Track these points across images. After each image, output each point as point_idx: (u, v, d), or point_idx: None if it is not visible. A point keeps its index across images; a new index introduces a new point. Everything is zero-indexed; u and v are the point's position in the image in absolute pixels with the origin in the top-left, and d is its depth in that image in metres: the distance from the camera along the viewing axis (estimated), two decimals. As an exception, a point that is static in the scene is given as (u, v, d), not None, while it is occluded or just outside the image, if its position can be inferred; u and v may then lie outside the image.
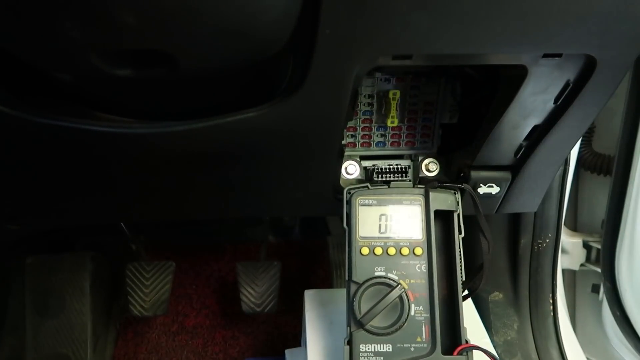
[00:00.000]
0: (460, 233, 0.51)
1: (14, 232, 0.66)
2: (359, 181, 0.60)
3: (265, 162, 0.54)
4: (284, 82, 0.46)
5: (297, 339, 0.83)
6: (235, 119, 0.44)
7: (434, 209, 0.52)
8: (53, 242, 1.13)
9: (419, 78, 0.56)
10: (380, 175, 0.59)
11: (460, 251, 0.51)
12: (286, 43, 0.40)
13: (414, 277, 0.50)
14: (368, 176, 0.60)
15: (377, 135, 0.60)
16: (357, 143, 0.60)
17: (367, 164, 0.60)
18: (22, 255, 1.07)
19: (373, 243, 0.51)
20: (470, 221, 0.53)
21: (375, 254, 0.51)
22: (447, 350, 0.49)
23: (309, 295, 0.71)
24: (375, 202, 0.53)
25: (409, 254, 0.51)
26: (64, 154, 0.50)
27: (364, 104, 0.57)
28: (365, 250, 0.51)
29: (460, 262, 0.51)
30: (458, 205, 0.52)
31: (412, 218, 0.52)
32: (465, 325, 0.49)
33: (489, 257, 0.52)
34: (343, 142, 0.55)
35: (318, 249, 1.34)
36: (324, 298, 0.70)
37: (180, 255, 1.31)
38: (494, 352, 0.65)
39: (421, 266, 0.51)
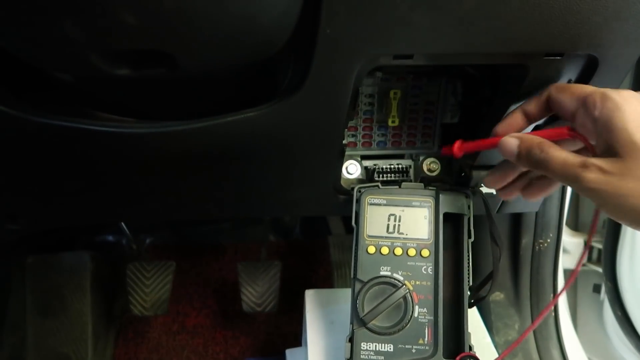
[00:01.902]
0: (470, 237, 0.51)
1: (14, 231, 0.66)
2: (359, 181, 0.60)
3: (265, 162, 0.54)
4: (284, 82, 0.46)
5: (297, 338, 0.83)
6: (235, 119, 0.44)
7: (444, 212, 0.51)
8: (53, 242, 1.13)
9: (420, 77, 0.56)
10: (381, 175, 0.59)
11: (468, 255, 0.51)
12: (286, 43, 0.40)
13: (419, 279, 0.50)
14: (369, 176, 0.60)
15: (378, 135, 0.60)
16: (358, 143, 0.60)
17: (368, 163, 0.60)
18: (23, 255, 1.07)
19: (380, 242, 0.51)
20: (475, 223, 0.53)
21: (381, 253, 0.51)
22: (450, 355, 0.49)
23: (310, 295, 0.71)
24: (384, 201, 0.52)
25: (415, 255, 0.51)
26: (64, 153, 0.50)
27: (365, 104, 0.57)
28: (371, 249, 0.51)
29: (468, 266, 0.51)
30: (469, 209, 0.52)
31: (421, 219, 0.52)
32: (469, 331, 0.49)
33: (499, 264, 0.51)
34: (344, 141, 0.55)
35: (319, 248, 1.34)
36: (324, 298, 0.70)
37: (181, 255, 1.31)
38: (494, 352, 0.65)
39: (427, 268, 0.50)
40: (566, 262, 1.04)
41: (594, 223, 0.41)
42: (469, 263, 0.51)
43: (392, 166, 0.59)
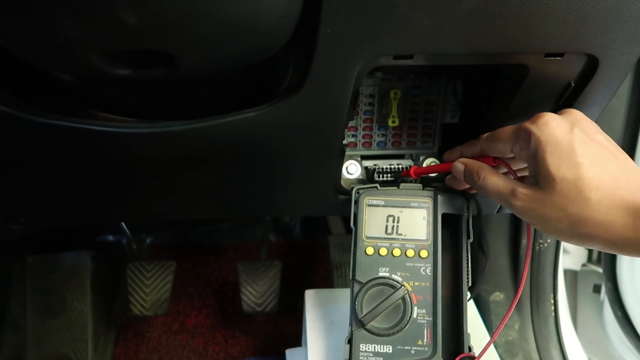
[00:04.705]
0: (468, 238, 0.51)
1: (14, 231, 0.66)
2: (359, 181, 0.60)
3: (265, 162, 0.54)
4: (284, 82, 0.46)
5: (297, 338, 0.83)
6: (235, 119, 0.44)
7: (442, 212, 0.51)
8: (54, 242, 1.13)
9: (420, 78, 0.56)
10: (381, 175, 0.59)
11: (467, 256, 0.51)
12: (287, 43, 0.40)
13: (418, 280, 0.50)
14: (369, 176, 0.60)
15: (378, 135, 0.60)
16: (358, 143, 0.60)
17: (368, 163, 0.60)
18: (23, 254, 1.07)
19: (379, 243, 0.51)
20: (474, 224, 0.53)
21: (380, 254, 0.51)
22: (449, 356, 0.49)
23: (310, 295, 0.71)
24: (383, 202, 0.52)
25: (414, 256, 0.51)
26: (64, 153, 0.50)
27: (365, 104, 0.57)
28: (370, 250, 0.51)
29: (467, 267, 0.51)
30: (467, 209, 0.52)
31: (420, 220, 0.52)
32: (469, 331, 0.49)
33: (482, 276, 0.52)
34: (344, 141, 0.55)
35: (319, 248, 1.34)
36: (324, 298, 0.70)
37: (181, 254, 1.31)
38: (495, 352, 0.65)
39: (426, 269, 0.50)
40: (566, 262, 1.04)
41: (528, 230, 0.47)
42: (467, 264, 0.51)
43: (392, 166, 0.59)
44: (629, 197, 0.37)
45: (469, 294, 0.53)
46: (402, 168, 0.59)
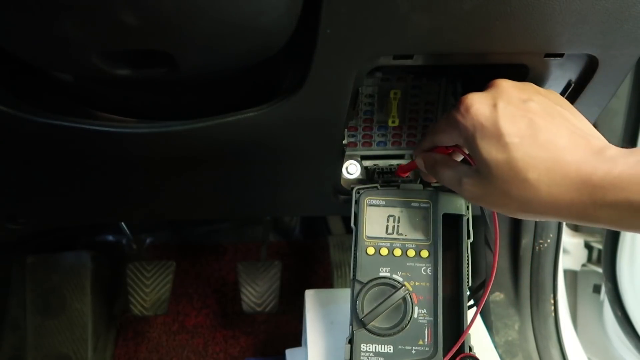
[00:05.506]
0: (469, 238, 0.51)
1: (14, 231, 0.66)
2: (359, 181, 0.60)
3: (265, 162, 0.54)
4: (284, 82, 0.46)
5: (297, 338, 0.83)
6: (235, 119, 0.44)
7: (443, 212, 0.51)
8: (54, 242, 1.13)
9: (420, 78, 0.56)
10: (381, 175, 0.59)
11: (468, 256, 0.51)
12: (287, 43, 0.40)
13: (419, 280, 0.50)
14: (369, 176, 0.60)
15: (378, 135, 0.60)
16: (358, 143, 0.60)
17: (368, 163, 0.60)
18: (23, 254, 1.07)
19: (379, 243, 0.51)
20: (474, 224, 0.53)
21: (380, 254, 0.51)
22: (450, 356, 0.49)
23: (310, 295, 0.71)
24: (383, 202, 0.52)
25: (415, 256, 0.51)
26: (64, 153, 0.50)
27: (365, 104, 0.57)
28: (371, 250, 0.51)
29: (468, 267, 0.51)
30: (468, 209, 0.52)
31: (420, 220, 0.52)
32: (469, 332, 0.49)
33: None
34: (344, 141, 0.55)
35: (319, 248, 1.34)
36: (324, 298, 0.70)
37: (181, 254, 1.31)
38: (495, 352, 0.65)
39: (427, 269, 0.50)
40: (566, 262, 1.04)
41: (494, 215, 0.48)
42: (468, 264, 0.51)
43: (392, 166, 0.59)
44: (571, 169, 0.34)
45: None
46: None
